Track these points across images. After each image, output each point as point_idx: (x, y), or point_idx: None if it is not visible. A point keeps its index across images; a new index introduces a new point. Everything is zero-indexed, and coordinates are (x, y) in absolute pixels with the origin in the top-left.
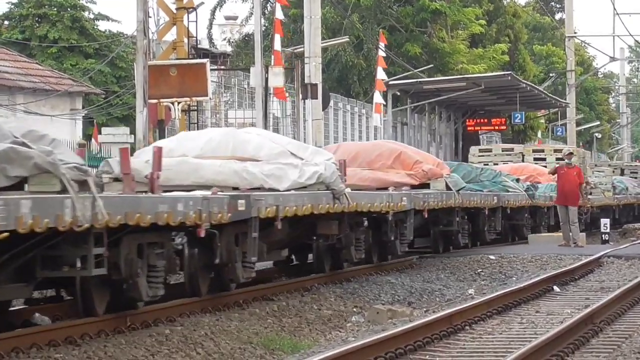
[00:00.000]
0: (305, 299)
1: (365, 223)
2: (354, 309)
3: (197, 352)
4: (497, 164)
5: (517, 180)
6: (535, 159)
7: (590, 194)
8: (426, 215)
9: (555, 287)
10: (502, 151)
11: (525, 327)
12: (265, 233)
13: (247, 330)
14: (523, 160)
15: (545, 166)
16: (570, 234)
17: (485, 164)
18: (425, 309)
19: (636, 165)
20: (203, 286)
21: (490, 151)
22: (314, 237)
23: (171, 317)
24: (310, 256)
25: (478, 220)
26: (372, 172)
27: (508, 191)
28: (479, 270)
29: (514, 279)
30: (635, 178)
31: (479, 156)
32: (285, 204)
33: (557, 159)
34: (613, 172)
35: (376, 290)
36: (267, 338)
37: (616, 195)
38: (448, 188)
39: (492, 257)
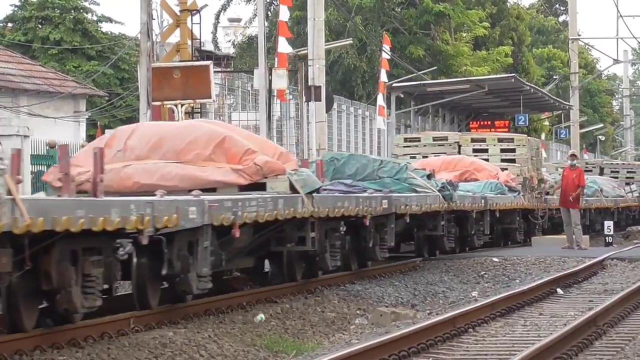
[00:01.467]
0: (309, 302)
1: None
2: (358, 312)
3: (201, 354)
4: (427, 156)
5: (430, 176)
6: (475, 151)
7: (547, 194)
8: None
9: (558, 290)
10: (434, 140)
11: (528, 330)
12: None
13: (250, 333)
14: (460, 152)
15: (487, 159)
16: (574, 236)
17: (412, 157)
18: (428, 312)
19: (618, 164)
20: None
21: (419, 140)
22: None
23: (175, 319)
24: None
25: (360, 238)
26: (180, 167)
27: (416, 191)
28: (482, 273)
29: (518, 281)
30: (616, 178)
31: (404, 147)
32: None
33: (502, 150)
34: (591, 170)
35: (380, 293)
36: (270, 340)
37: (586, 198)
38: (294, 190)
39: (495, 259)
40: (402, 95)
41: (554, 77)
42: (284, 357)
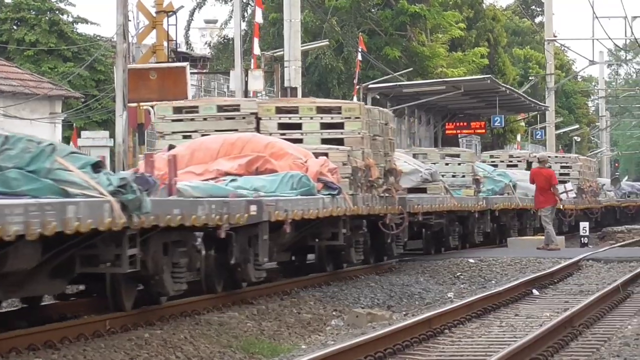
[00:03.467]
0: (285, 303)
1: None
2: (334, 313)
3: (177, 356)
4: (209, 134)
5: (97, 166)
6: (282, 127)
7: (398, 190)
8: None
9: (534, 291)
10: (220, 111)
11: (504, 331)
12: None
13: (226, 334)
14: (259, 129)
15: (301, 139)
16: (549, 236)
17: (186, 136)
18: (404, 313)
19: (550, 157)
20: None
21: (196, 111)
22: None
23: (150, 320)
24: None
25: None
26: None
27: (68, 193)
28: (458, 274)
29: (493, 282)
30: None
31: (174, 120)
32: None
33: (325, 125)
34: (516, 165)
35: (356, 294)
36: (246, 342)
37: (490, 195)
38: None
39: (471, 260)
40: (378, 97)
41: (530, 78)
42: (260, 359)
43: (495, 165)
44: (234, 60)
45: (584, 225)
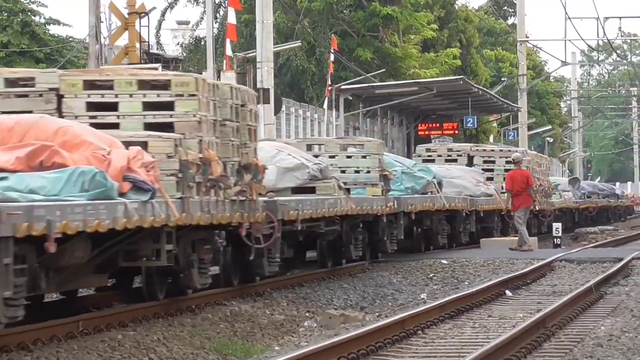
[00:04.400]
0: (258, 304)
1: None
2: (307, 314)
3: (150, 357)
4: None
5: None
6: (92, 108)
7: (259, 192)
8: None
9: (507, 292)
10: (10, 86)
11: (477, 332)
12: None
13: (199, 336)
14: (61, 111)
15: (118, 124)
16: (524, 237)
17: None
18: (377, 314)
19: (494, 151)
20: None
21: None
22: None
23: (123, 322)
24: None
25: None
26: None
27: None
28: (431, 275)
29: (466, 283)
30: (492, 171)
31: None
32: None
33: (148, 105)
34: (456, 160)
35: (329, 295)
36: (219, 343)
37: (407, 194)
38: None
39: (444, 261)
40: (351, 98)
41: (502, 79)
42: None
43: (432, 160)
44: (206, 61)
45: (557, 226)
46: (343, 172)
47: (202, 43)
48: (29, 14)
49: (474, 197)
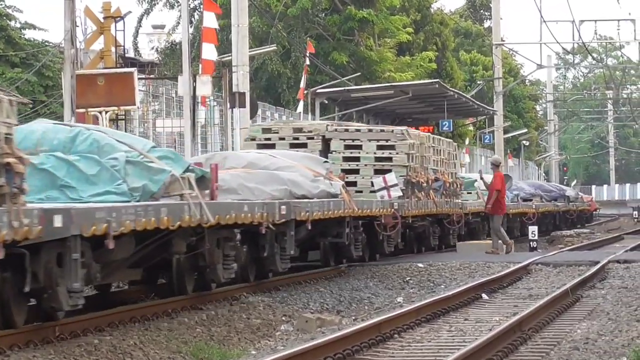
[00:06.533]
0: (234, 308)
1: None
2: (283, 318)
3: None
4: None
5: None
6: None
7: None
8: None
9: (483, 295)
10: None
11: (454, 335)
12: None
13: (176, 340)
14: None
15: None
16: (499, 242)
17: None
18: (354, 318)
19: (369, 132)
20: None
21: None
22: None
23: (100, 326)
24: None
25: None
26: None
27: None
28: (407, 279)
29: (443, 287)
30: (357, 160)
31: None
32: None
33: None
34: (306, 144)
35: (305, 299)
36: (196, 347)
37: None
38: None
39: (420, 265)
40: (327, 101)
41: (478, 82)
42: None
43: (272, 145)
44: (182, 66)
45: (533, 230)
46: None
47: (178, 47)
48: (5, 18)
49: (304, 199)
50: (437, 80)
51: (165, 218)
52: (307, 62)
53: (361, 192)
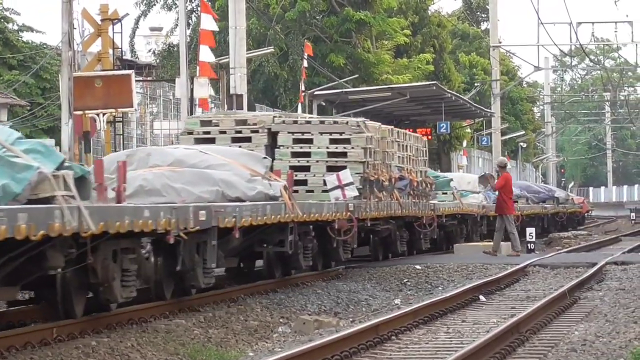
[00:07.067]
0: (232, 310)
1: None
2: (281, 320)
3: None
4: None
5: None
6: None
7: None
8: None
9: (481, 297)
10: None
11: (451, 337)
12: None
13: (173, 342)
14: None
15: None
16: (501, 243)
17: None
18: (351, 319)
19: (321, 124)
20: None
21: None
22: None
23: (98, 328)
24: None
25: None
26: None
27: None
28: (405, 280)
29: (440, 288)
30: (307, 156)
31: None
32: None
33: None
34: (250, 138)
35: (302, 301)
36: (193, 349)
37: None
38: None
39: (418, 266)
40: (324, 104)
41: (476, 84)
42: None
43: (212, 140)
44: (179, 68)
45: (530, 231)
46: None
47: (175, 49)
48: (2, 21)
49: (238, 202)
50: (435, 82)
51: (22, 226)
52: (305, 64)
53: (312, 192)
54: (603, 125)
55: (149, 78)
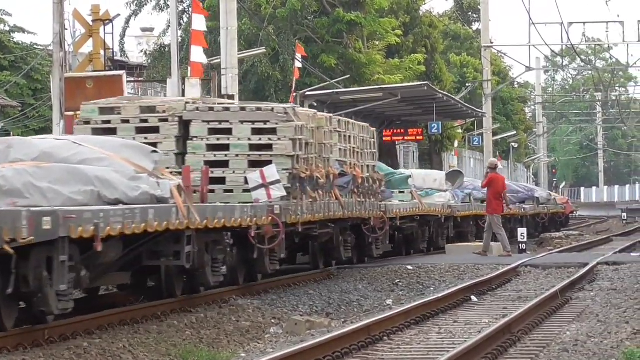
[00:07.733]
0: (224, 311)
1: None
2: (272, 321)
3: None
4: None
5: None
6: None
7: None
8: None
9: (473, 297)
10: None
11: (443, 337)
12: None
13: (165, 343)
14: None
15: None
16: (491, 243)
17: None
18: (343, 320)
19: (242, 111)
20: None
21: None
22: None
23: (90, 329)
24: None
25: None
26: None
27: None
28: (396, 281)
29: (432, 289)
30: (226, 148)
31: None
32: None
33: None
34: (157, 128)
35: (294, 302)
36: (185, 350)
37: None
38: None
39: (409, 267)
40: (316, 104)
41: (467, 84)
42: None
43: (112, 130)
44: (171, 68)
45: (522, 232)
46: None
47: (167, 50)
48: None
49: (117, 206)
50: (426, 82)
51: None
52: (298, 64)
53: (232, 192)
54: (594, 125)
55: (140, 79)
